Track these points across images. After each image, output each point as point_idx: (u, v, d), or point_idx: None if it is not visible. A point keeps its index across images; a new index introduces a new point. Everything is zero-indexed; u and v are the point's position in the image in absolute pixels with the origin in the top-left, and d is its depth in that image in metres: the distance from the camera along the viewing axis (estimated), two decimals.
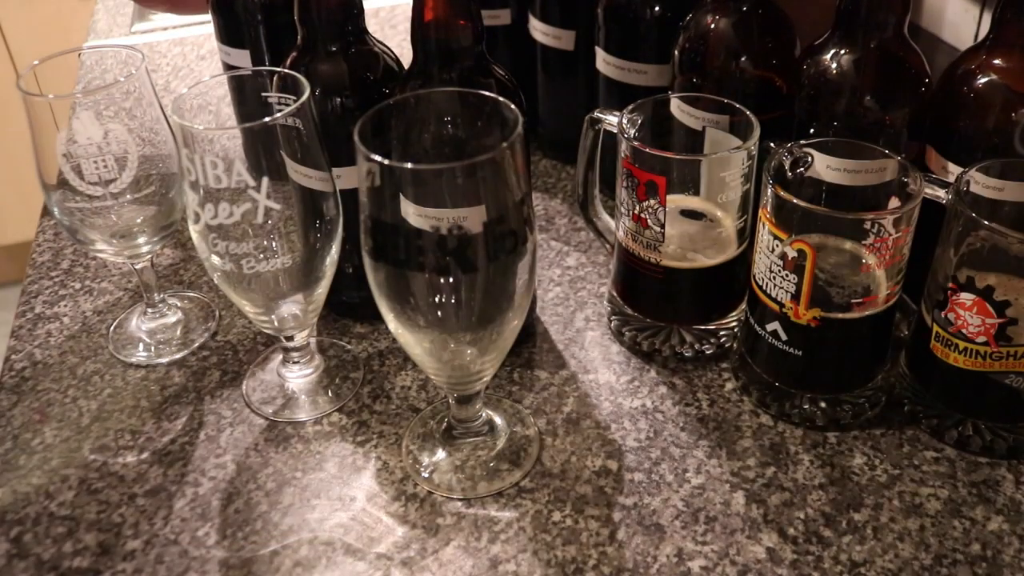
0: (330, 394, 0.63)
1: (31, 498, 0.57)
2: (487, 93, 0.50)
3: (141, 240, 0.64)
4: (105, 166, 0.60)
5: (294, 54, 0.60)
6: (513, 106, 0.48)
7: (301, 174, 0.55)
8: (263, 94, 0.56)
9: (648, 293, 0.64)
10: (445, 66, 0.55)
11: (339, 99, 0.59)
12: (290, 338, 0.61)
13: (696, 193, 0.61)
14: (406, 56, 0.59)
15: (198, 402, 0.63)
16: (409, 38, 0.56)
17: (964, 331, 0.53)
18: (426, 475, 0.57)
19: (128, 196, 0.62)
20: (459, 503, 0.55)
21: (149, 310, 0.70)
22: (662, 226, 0.59)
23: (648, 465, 0.57)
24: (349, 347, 0.67)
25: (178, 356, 0.67)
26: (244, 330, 0.69)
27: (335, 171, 0.57)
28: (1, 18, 1.84)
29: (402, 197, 0.45)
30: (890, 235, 0.52)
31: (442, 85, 0.55)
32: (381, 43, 0.62)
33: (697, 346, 0.64)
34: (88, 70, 0.95)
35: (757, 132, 0.58)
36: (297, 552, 0.53)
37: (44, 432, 0.61)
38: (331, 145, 0.56)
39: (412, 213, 0.46)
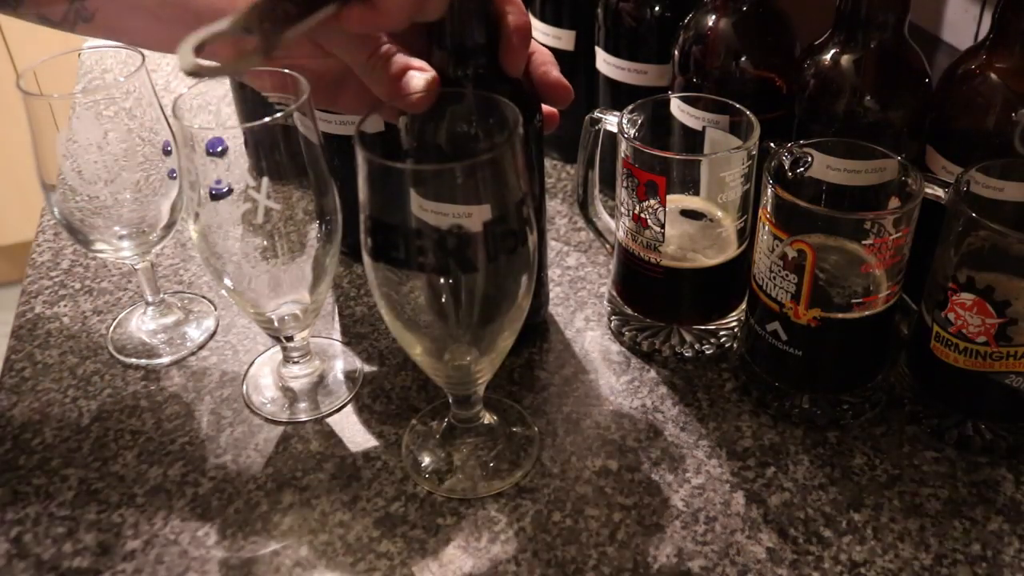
0: (330, 394, 0.63)
1: (31, 498, 0.57)
2: (488, 93, 0.50)
3: (141, 240, 0.64)
4: (105, 166, 0.60)
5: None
6: (514, 106, 0.48)
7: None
8: (263, 94, 0.56)
9: (648, 293, 0.64)
10: (459, 65, 0.55)
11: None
12: (290, 338, 0.61)
13: (696, 193, 0.61)
14: None
15: (198, 402, 0.63)
16: None
17: (964, 331, 0.53)
18: (426, 475, 0.57)
19: (128, 196, 0.61)
20: (459, 503, 0.55)
21: (149, 310, 0.70)
22: (662, 226, 0.59)
23: (648, 465, 0.57)
24: (349, 347, 0.67)
25: (178, 356, 0.67)
26: (244, 330, 0.69)
27: None
28: (1, 18, 1.84)
29: (403, 197, 0.45)
30: (890, 235, 0.52)
31: (456, 84, 0.54)
32: None
33: (697, 346, 0.64)
34: (88, 70, 0.94)
35: (757, 132, 0.58)
36: (297, 552, 0.53)
37: (44, 432, 0.61)
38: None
39: (412, 213, 0.46)
